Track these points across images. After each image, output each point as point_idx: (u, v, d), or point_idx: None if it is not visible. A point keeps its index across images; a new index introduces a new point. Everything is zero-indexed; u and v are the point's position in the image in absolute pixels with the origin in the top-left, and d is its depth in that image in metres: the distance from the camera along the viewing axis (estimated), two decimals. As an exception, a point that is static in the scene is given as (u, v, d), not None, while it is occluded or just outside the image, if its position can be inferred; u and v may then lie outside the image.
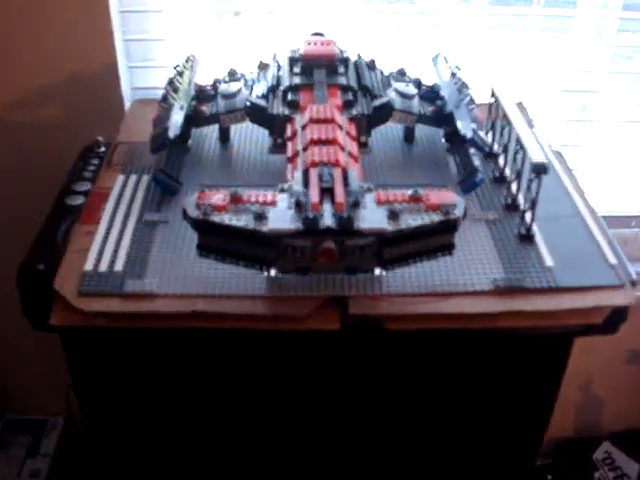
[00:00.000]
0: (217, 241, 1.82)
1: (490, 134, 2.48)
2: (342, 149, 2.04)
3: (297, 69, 2.44)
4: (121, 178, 2.39)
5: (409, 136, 2.61)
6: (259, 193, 1.84)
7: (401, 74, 2.60)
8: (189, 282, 1.95)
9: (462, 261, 2.03)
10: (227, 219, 1.77)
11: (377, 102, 2.40)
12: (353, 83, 2.41)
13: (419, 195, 1.83)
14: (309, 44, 2.53)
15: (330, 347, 2.03)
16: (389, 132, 2.63)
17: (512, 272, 2.01)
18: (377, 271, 1.90)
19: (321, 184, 1.84)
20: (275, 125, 2.30)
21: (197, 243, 1.84)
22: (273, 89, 2.41)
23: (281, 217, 1.77)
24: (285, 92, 2.37)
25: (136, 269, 1.99)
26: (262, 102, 2.39)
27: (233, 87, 2.47)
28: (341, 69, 2.45)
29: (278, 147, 2.27)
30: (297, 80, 2.39)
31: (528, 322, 1.94)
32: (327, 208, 1.77)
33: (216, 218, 1.78)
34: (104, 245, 2.07)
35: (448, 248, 1.88)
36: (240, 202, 1.81)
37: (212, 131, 2.60)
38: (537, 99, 3.18)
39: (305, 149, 2.04)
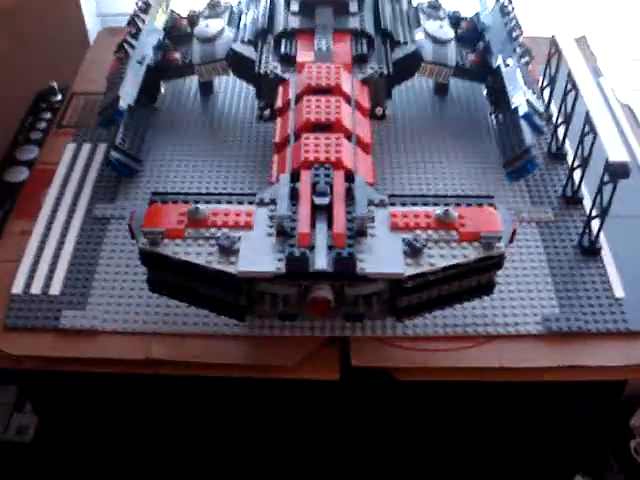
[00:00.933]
0: (173, 277, 1.35)
1: (546, 92, 1.90)
2: (348, 136, 1.50)
3: (295, 6, 1.84)
4: (71, 148, 1.88)
5: (440, 89, 2.04)
6: (229, 210, 1.34)
7: (434, 7, 1.98)
8: (143, 315, 1.49)
9: (503, 288, 1.53)
10: (183, 251, 1.29)
11: (400, 52, 1.82)
12: (369, 26, 1.81)
13: (450, 219, 1.31)
14: None
15: (326, 395, 1.60)
16: (414, 83, 2.05)
17: (569, 306, 1.51)
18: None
19: (314, 198, 1.34)
20: (263, 86, 1.74)
21: (147, 277, 1.38)
22: (264, 33, 1.83)
23: (256, 250, 1.28)
24: (278, 39, 1.79)
25: (76, 294, 1.53)
26: (248, 51, 1.82)
27: (213, 26, 1.88)
28: (353, 6, 1.84)
29: (266, 118, 1.73)
30: (294, 23, 1.80)
31: (586, 376, 1.47)
32: (321, 238, 1.28)
33: (169, 250, 1.29)
34: (40, 253, 1.61)
35: (486, 288, 1.38)
36: (202, 225, 1.32)
37: (191, 82, 2.06)
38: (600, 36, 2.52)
39: (298, 134, 1.51)
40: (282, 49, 1.74)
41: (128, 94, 1.69)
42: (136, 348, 1.45)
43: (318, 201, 1.33)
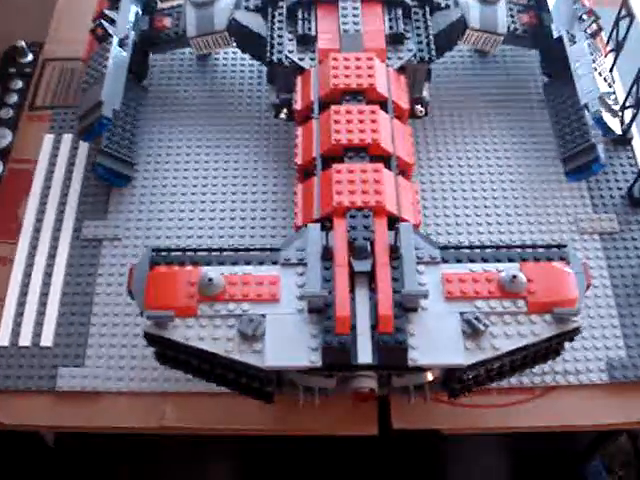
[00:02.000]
0: (187, 358, 1.14)
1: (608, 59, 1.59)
2: (387, 158, 1.23)
3: None
4: (49, 140, 1.59)
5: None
6: (248, 277, 1.10)
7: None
8: (151, 370, 1.28)
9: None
10: (197, 336, 1.07)
11: (442, 22, 1.48)
12: None
13: (517, 287, 1.08)
14: None
15: (365, 453, 1.44)
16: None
17: (639, 349, 1.33)
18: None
19: (352, 261, 1.10)
20: (277, 73, 1.42)
21: (155, 351, 1.16)
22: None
23: (285, 336, 1.06)
24: (292, 7, 1.45)
25: (72, 345, 1.32)
26: (255, 23, 1.48)
27: (209, -17, 1.53)
28: None
29: (287, 116, 1.43)
30: None
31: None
32: (363, 318, 1.06)
33: (179, 334, 1.08)
34: (25, 290, 1.39)
35: (554, 353, 1.18)
36: (218, 299, 1.09)
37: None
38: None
39: (326, 159, 1.23)
40: (299, 28, 1.40)
41: (112, 95, 1.37)
42: (147, 413, 1.28)
43: (358, 267, 1.10)
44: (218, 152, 1.56)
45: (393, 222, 1.17)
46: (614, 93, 1.44)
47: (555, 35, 1.50)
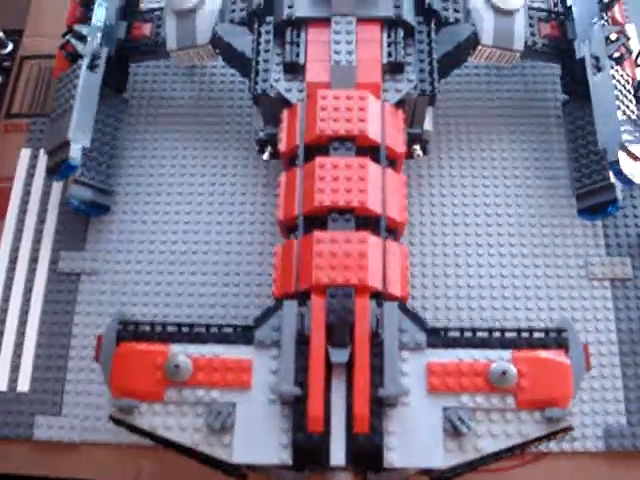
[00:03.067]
0: (155, 439, 1.09)
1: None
2: (374, 228, 1.11)
3: None
4: (26, 156, 1.49)
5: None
6: (218, 360, 1.03)
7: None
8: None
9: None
10: (163, 425, 1.02)
11: (449, 40, 1.31)
12: (407, 8, 1.28)
13: (507, 382, 1.00)
14: None
15: None
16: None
17: (640, 415, 1.25)
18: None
19: (330, 350, 1.02)
20: (263, 103, 1.28)
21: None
22: (260, 12, 1.32)
23: (256, 429, 1.00)
24: (280, 28, 1.29)
25: (49, 391, 1.29)
26: (240, 40, 1.33)
27: (192, -10, 1.36)
28: None
29: (270, 155, 1.31)
30: (302, 6, 1.28)
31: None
32: (338, 416, 0.99)
33: (145, 421, 1.02)
34: (2, 327, 1.34)
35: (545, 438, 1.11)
36: (186, 384, 1.03)
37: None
38: None
39: (308, 220, 1.12)
40: (287, 54, 1.24)
41: (81, 133, 1.26)
42: (124, 466, 1.25)
43: (335, 357, 1.02)
44: (204, 173, 1.46)
45: (377, 294, 1.08)
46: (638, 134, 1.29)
47: (578, 56, 1.33)
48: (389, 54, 1.24)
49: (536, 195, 1.42)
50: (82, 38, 1.32)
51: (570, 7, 1.38)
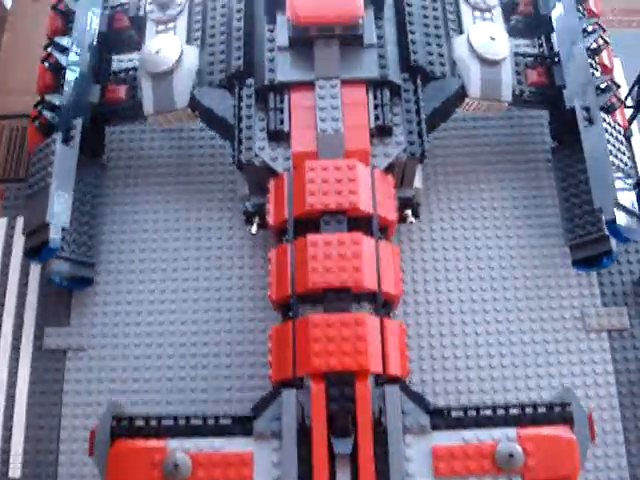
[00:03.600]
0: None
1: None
2: (372, 295, 1.08)
3: (284, 39, 1.24)
4: (3, 225, 1.43)
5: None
6: (217, 454, 1.00)
7: (482, -2, 1.37)
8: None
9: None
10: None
11: (437, 96, 1.28)
12: (393, 68, 1.24)
13: (514, 464, 0.98)
14: None
15: None
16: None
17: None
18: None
19: (333, 441, 0.99)
20: (248, 171, 1.24)
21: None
22: (240, 74, 1.28)
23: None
24: (262, 92, 1.25)
25: (42, 475, 1.24)
26: (220, 104, 1.27)
27: (167, 52, 1.29)
28: (369, 30, 1.24)
29: (258, 227, 1.27)
30: (284, 70, 1.23)
31: None
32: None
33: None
34: (-12, 412, 1.30)
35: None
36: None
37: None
38: None
39: (301, 300, 1.09)
40: (270, 121, 1.20)
41: (59, 213, 1.21)
42: None
43: (339, 448, 0.99)
44: (188, 237, 1.41)
45: (378, 376, 1.05)
46: (636, 187, 1.26)
47: (567, 105, 1.30)
48: (376, 117, 1.21)
49: (529, 246, 1.40)
50: (54, 108, 1.27)
51: (557, 52, 1.36)
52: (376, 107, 1.22)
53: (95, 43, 1.38)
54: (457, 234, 1.40)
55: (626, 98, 1.36)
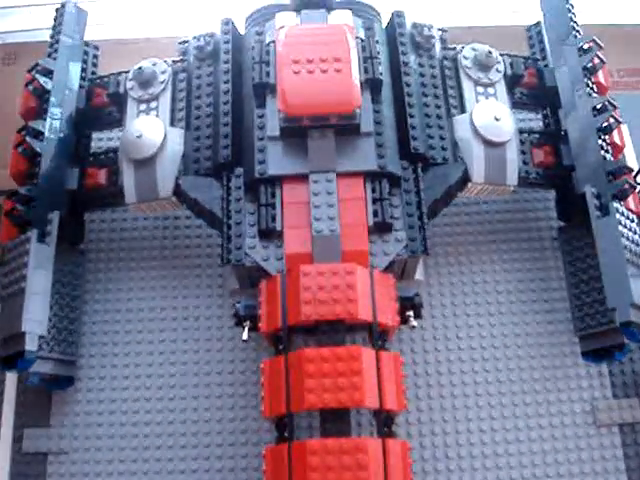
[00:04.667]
0: None
1: None
2: (372, 421, 1.01)
3: (274, 128, 1.16)
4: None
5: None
6: None
7: (481, 65, 1.28)
8: None
9: None
10: None
11: (439, 185, 1.20)
12: (391, 159, 1.16)
13: None
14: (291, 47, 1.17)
15: None
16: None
17: None
18: None
19: None
20: (238, 268, 1.16)
21: None
22: (228, 163, 1.19)
23: None
24: (253, 185, 1.17)
25: None
26: (206, 194, 1.19)
27: (149, 136, 1.20)
28: (366, 116, 1.16)
29: (249, 330, 1.18)
30: (276, 162, 1.15)
31: None
32: None
33: None
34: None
35: None
36: None
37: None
38: None
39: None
40: (261, 219, 1.12)
41: (36, 320, 1.12)
42: None
43: None
44: (174, 328, 1.32)
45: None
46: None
47: (578, 191, 1.23)
48: (375, 213, 1.13)
49: (535, 334, 1.32)
50: (29, 201, 1.18)
51: (565, 131, 1.28)
52: (374, 201, 1.14)
53: (72, 124, 1.29)
54: (459, 322, 1.32)
55: (636, 175, 1.29)
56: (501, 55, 1.33)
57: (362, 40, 1.22)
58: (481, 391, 1.29)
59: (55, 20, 1.37)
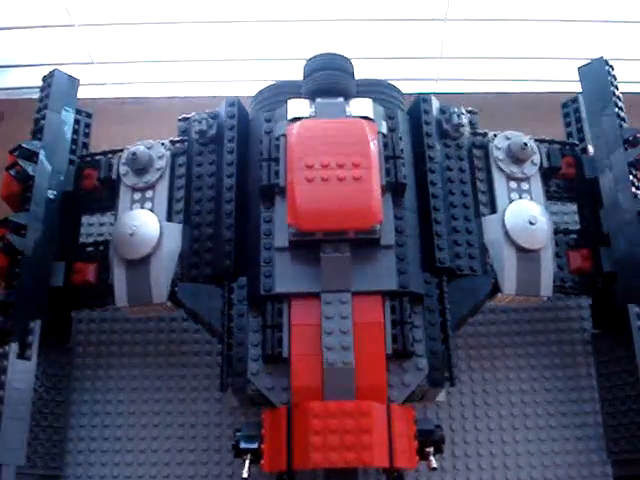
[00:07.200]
0: None
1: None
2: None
3: (282, 239, 1.04)
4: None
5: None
6: None
7: (514, 158, 1.15)
8: None
9: None
10: None
11: (465, 302, 1.07)
12: (414, 278, 1.04)
13: None
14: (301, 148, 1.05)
15: None
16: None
17: None
18: None
19: None
20: (240, 393, 1.04)
21: None
22: (231, 271, 1.07)
23: None
24: (257, 299, 1.04)
25: None
26: (205, 305, 1.07)
27: (143, 232, 1.09)
28: (389, 227, 1.04)
29: (250, 462, 1.04)
30: (284, 279, 1.02)
31: None
32: None
33: None
34: None
35: None
36: None
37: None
38: None
39: None
40: (267, 344, 1.00)
41: (13, 450, 1.00)
42: None
43: None
44: (169, 436, 1.21)
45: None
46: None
47: (620, 304, 1.10)
48: (394, 339, 1.01)
49: (563, 451, 1.21)
50: (7, 308, 1.06)
51: (607, 234, 1.15)
52: (394, 324, 1.01)
53: (59, 210, 1.17)
54: (481, 437, 1.21)
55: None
56: (536, 141, 1.20)
57: (384, 136, 1.08)
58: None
59: (42, 91, 1.23)
